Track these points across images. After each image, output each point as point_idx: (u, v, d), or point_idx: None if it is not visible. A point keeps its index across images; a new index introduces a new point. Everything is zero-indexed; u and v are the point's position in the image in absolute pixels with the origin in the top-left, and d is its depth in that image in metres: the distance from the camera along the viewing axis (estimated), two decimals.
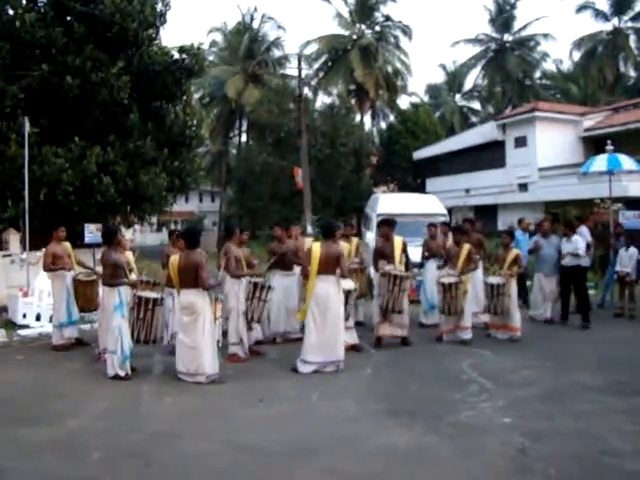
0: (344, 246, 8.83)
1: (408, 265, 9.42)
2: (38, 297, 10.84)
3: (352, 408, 6.13)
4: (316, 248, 7.58)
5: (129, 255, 9.83)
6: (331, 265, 7.54)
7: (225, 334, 8.69)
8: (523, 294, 12.33)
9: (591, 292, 12.14)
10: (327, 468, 4.68)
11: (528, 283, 12.32)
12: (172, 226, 41.88)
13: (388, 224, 9.35)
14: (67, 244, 9.48)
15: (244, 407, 6.17)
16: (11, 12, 12.92)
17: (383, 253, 9.10)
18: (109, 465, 4.74)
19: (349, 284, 8.29)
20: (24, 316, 10.73)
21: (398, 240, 9.20)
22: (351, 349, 8.27)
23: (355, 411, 6.04)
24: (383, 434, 5.39)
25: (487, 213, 27.99)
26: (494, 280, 9.55)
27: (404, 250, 9.23)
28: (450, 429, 5.50)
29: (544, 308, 11.02)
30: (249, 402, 6.30)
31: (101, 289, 7.93)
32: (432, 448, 5.08)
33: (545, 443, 5.14)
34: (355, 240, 10.17)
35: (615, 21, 39.37)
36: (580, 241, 10.73)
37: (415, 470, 4.68)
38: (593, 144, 26.25)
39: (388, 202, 16.04)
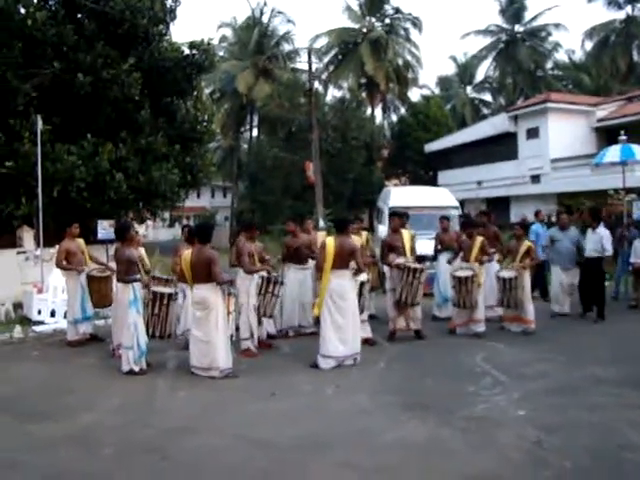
0: (355, 240, 8.84)
1: (420, 258, 9.41)
2: (52, 293, 10.93)
3: (366, 402, 6.12)
4: (330, 242, 7.55)
5: (142, 251, 9.89)
6: (345, 259, 7.52)
7: (238, 329, 8.73)
8: (541, 286, 12.30)
9: (605, 284, 12.03)
10: (341, 462, 4.68)
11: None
12: (184, 221, 41.96)
13: (399, 216, 9.34)
14: (80, 241, 9.54)
15: (257, 401, 6.18)
16: (23, 11, 12.98)
17: (393, 246, 9.08)
18: (123, 460, 4.77)
19: (362, 276, 8.27)
20: (39, 312, 10.81)
21: (407, 233, 9.18)
22: (365, 343, 8.25)
23: (369, 405, 6.03)
24: (397, 428, 5.38)
25: (499, 205, 27.86)
26: (506, 273, 9.49)
27: (412, 243, 9.22)
28: (464, 422, 5.48)
29: (565, 302, 10.85)
30: (262, 396, 6.31)
31: (115, 285, 7.97)
32: (446, 441, 5.07)
33: (560, 436, 5.11)
34: (365, 234, 10.15)
35: (628, 9, 38.89)
36: (606, 236, 10.46)
37: (429, 463, 4.66)
38: (606, 134, 26.02)
39: (400, 195, 15.99)
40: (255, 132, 42.75)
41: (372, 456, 4.79)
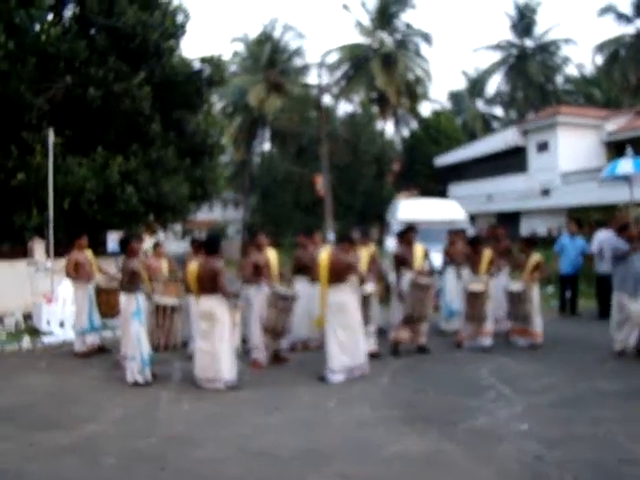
0: (363, 252, 8.90)
1: (432, 272, 9.43)
2: (62, 304, 11.02)
3: (368, 415, 6.13)
4: (323, 257, 7.57)
5: (163, 263, 9.95)
6: (342, 273, 7.50)
7: (244, 341, 8.77)
8: (568, 300, 12.27)
9: None
10: (341, 474, 4.69)
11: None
12: (197, 234, 42.15)
13: (411, 230, 9.37)
14: (89, 252, 9.66)
15: (260, 414, 6.20)
16: (37, 27, 13.20)
17: (402, 258, 9.10)
18: (124, 470, 4.81)
19: (368, 288, 8.29)
20: (48, 323, 10.91)
21: (420, 247, 9.21)
22: (371, 356, 8.25)
23: (371, 418, 6.04)
24: (398, 441, 5.38)
25: (509, 219, 27.76)
26: (514, 287, 9.49)
27: (426, 257, 9.24)
28: (466, 436, 5.48)
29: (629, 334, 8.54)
30: (265, 409, 6.34)
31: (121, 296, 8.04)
32: (447, 455, 5.07)
33: (562, 450, 5.09)
34: (372, 247, 10.17)
35: (638, 23, 38.86)
36: None
37: (429, 477, 4.67)
38: (616, 148, 25.94)
39: (408, 208, 16.00)
40: (267, 146, 43.03)
41: (372, 469, 4.80)
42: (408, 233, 9.37)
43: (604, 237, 11.75)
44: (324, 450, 5.16)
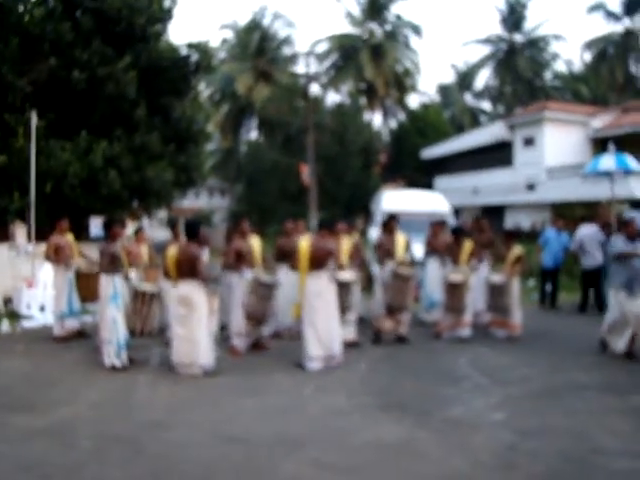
0: (345, 241, 8.92)
1: (413, 263, 9.46)
2: (43, 288, 10.94)
3: (344, 402, 6.16)
4: (303, 244, 7.58)
5: (143, 248, 9.91)
6: (322, 261, 7.51)
7: (223, 327, 8.76)
8: (549, 294, 12.40)
9: None
10: (313, 460, 4.70)
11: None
12: (182, 222, 41.93)
13: (393, 220, 9.40)
14: (70, 236, 9.57)
15: (236, 399, 6.21)
16: (21, 8, 13.03)
17: (384, 247, 9.13)
18: (97, 452, 4.80)
19: (347, 275, 8.30)
20: (28, 307, 10.84)
21: (401, 237, 9.24)
22: (349, 345, 8.27)
23: (346, 405, 6.06)
24: (372, 428, 5.41)
25: (494, 213, 27.92)
26: (495, 278, 9.56)
27: (407, 248, 9.26)
28: (440, 424, 5.52)
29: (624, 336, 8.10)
30: (242, 395, 6.34)
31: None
32: (420, 443, 5.10)
33: (535, 440, 5.14)
34: (355, 236, 10.19)
35: (627, 22, 39.14)
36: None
37: (400, 464, 4.70)
38: (601, 144, 26.12)
39: (392, 199, 15.97)
40: (254, 134, 42.88)
41: (345, 456, 4.82)
42: (390, 222, 9.41)
43: (586, 232, 11.86)
44: (298, 437, 5.18)
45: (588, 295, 12.01)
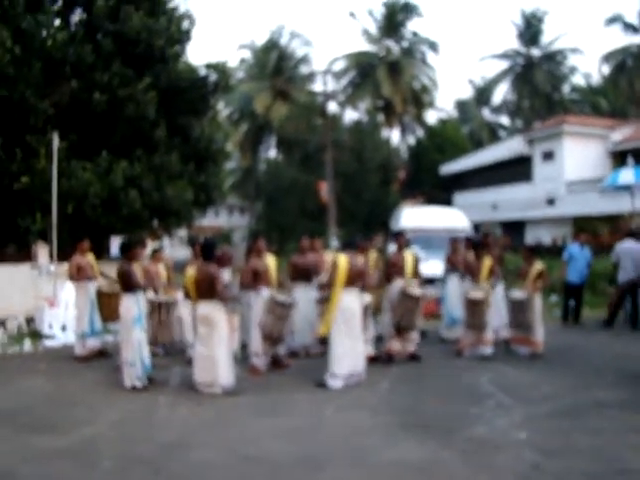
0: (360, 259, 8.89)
1: (423, 281, 9.37)
2: (64, 308, 11.03)
3: (365, 421, 6.10)
4: (343, 260, 7.56)
5: (160, 267, 9.98)
6: (357, 278, 7.56)
7: (244, 346, 8.76)
8: (572, 310, 12.23)
9: None
10: None
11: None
12: (201, 239, 42.17)
13: (401, 237, 9.36)
14: (91, 256, 9.66)
15: (257, 418, 6.18)
16: (44, 32, 13.28)
17: (395, 265, 9.08)
18: (119, 473, 4.79)
19: (366, 297, 8.27)
20: (50, 327, 10.92)
21: (410, 255, 9.17)
22: (370, 360, 8.23)
23: (368, 424, 6.01)
24: (395, 448, 5.35)
25: (515, 228, 27.76)
26: (517, 295, 9.44)
27: (416, 266, 9.17)
28: (463, 444, 5.44)
29: None
30: (262, 414, 6.32)
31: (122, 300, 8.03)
32: (444, 463, 5.03)
33: (559, 460, 5.04)
34: (374, 254, 10.15)
35: None
36: None
37: None
38: (621, 158, 25.88)
39: (411, 216, 15.94)
40: (273, 153, 43.15)
41: (367, 476, 4.76)
42: (397, 239, 9.37)
43: (625, 247, 11.72)
44: (319, 456, 5.13)
45: (618, 311, 11.83)
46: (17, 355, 9.63)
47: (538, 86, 41.09)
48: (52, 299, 11.30)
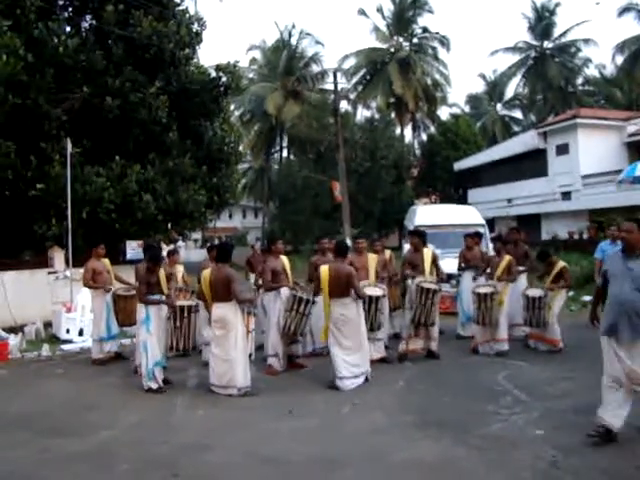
0: (372, 258, 8.87)
1: (442, 277, 9.32)
2: (81, 312, 11.13)
3: (382, 420, 6.09)
4: (324, 271, 7.54)
5: (179, 269, 10.07)
6: (343, 286, 7.48)
7: (260, 347, 8.78)
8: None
9: None
10: None
11: None
12: (216, 242, 42.46)
13: (418, 235, 9.33)
14: (106, 260, 9.75)
15: (273, 419, 6.20)
16: (55, 39, 13.39)
17: (412, 264, 9.06)
18: (137, 475, 4.83)
19: (377, 291, 8.24)
20: (67, 331, 11.03)
21: (428, 251, 9.14)
22: (380, 361, 8.20)
23: (384, 423, 6.00)
24: (411, 447, 5.34)
25: (530, 223, 27.51)
26: (533, 292, 9.34)
27: (434, 262, 9.13)
28: (480, 441, 5.41)
29: None
30: (279, 415, 6.33)
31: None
32: (460, 461, 5.00)
33: (577, 457, 4.99)
34: (388, 252, 10.12)
35: None
36: None
37: None
38: (637, 149, 25.62)
39: (426, 213, 15.95)
40: (285, 153, 43.17)
41: (385, 475, 4.76)
42: (412, 239, 9.34)
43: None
44: (336, 456, 5.13)
45: None
46: (35, 360, 9.72)
47: (551, 79, 40.76)
48: (69, 304, 11.42)
